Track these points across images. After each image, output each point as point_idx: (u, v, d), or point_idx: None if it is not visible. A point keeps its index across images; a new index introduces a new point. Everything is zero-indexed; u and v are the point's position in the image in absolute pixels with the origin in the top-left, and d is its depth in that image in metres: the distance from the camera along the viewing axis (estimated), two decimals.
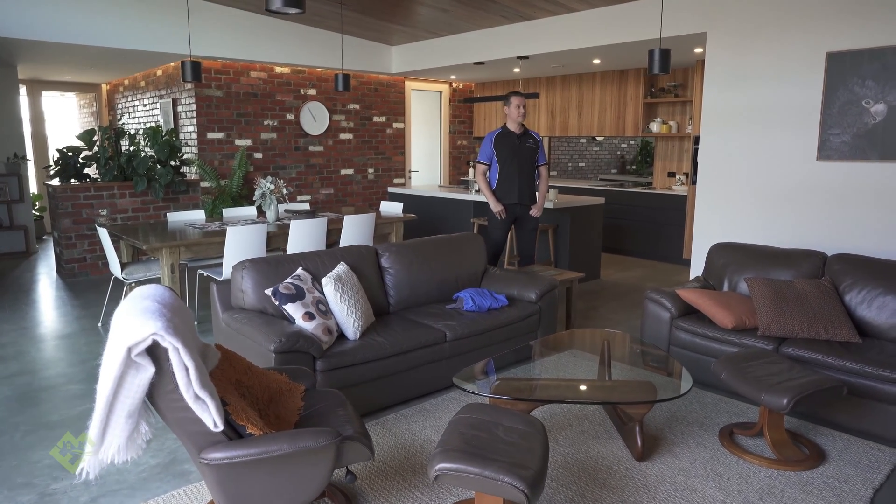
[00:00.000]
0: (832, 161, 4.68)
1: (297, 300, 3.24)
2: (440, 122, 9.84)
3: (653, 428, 3.23)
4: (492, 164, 5.13)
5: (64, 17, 5.96)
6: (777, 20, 4.84)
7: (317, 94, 8.22)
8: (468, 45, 7.41)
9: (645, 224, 8.04)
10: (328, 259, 3.73)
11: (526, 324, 4.06)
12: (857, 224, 4.55)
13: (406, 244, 4.18)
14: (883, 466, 2.88)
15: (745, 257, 4.14)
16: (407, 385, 3.48)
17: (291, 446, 1.98)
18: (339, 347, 3.21)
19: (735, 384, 2.97)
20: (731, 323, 3.58)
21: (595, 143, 12.05)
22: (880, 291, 3.54)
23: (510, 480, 2.02)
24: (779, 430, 2.95)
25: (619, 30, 5.90)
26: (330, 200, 8.58)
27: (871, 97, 4.48)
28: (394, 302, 3.98)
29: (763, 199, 5.03)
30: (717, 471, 2.82)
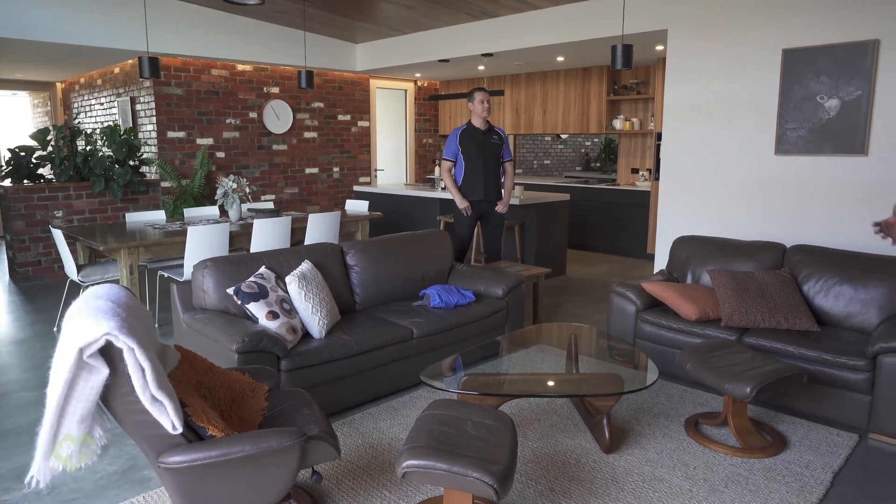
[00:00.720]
0: (789, 155, 4.78)
1: (261, 299, 3.17)
2: (405, 120, 9.80)
3: (620, 420, 3.25)
4: (457, 160, 5.12)
5: (15, 11, 5.75)
6: (735, 17, 4.93)
7: (280, 92, 8.10)
8: (433, 43, 7.38)
9: (610, 220, 8.13)
10: (292, 257, 3.67)
11: (493, 319, 4.05)
12: (813, 216, 4.67)
13: (372, 241, 4.14)
14: (842, 451, 2.95)
15: (708, 250, 4.21)
16: (374, 383, 3.44)
17: (254, 447, 1.93)
18: (305, 346, 3.16)
19: (700, 375, 3.00)
20: (694, 315, 3.63)
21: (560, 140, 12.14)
22: (836, 281, 3.62)
23: (479, 476, 2.00)
24: (742, 418, 3.00)
25: (582, 27, 5.95)
26: (295, 200, 8.46)
27: (825, 93, 4.59)
28: (360, 300, 3.93)
29: (724, 193, 5.11)
30: (684, 460, 2.85)
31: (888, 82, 4.30)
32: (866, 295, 3.51)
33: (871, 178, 4.40)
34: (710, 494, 2.58)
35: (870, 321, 3.47)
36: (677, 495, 2.57)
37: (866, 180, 4.43)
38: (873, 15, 4.30)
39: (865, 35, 4.36)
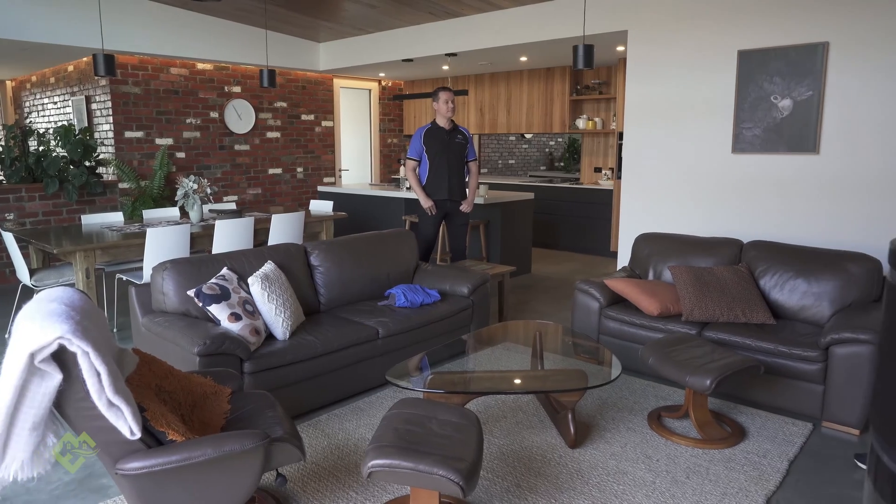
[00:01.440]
0: (746, 153, 4.91)
1: (223, 301, 3.11)
2: (370, 120, 9.75)
3: (585, 415, 3.29)
4: (422, 159, 5.12)
5: None
6: (692, 19, 5.04)
7: (242, 91, 7.98)
8: (396, 42, 7.36)
9: (573, 219, 8.23)
10: (255, 258, 3.62)
11: (459, 318, 4.06)
12: (769, 212, 4.80)
13: (336, 241, 4.10)
14: (797, 439, 3.04)
15: (669, 246, 4.29)
16: (340, 384, 3.42)
17: (216, 451, 1.90)
18: (268, 348, 3.11)
19: (661, 369, 3.06)
20: (656, 310, 3.70)
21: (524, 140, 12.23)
22: (791, 275, 3.73)
23: (445, 473, 2.00)
24: (703, 410, 3.07)
25: (544, 27, 6.01)
26: (258, 200, 8.35)
27: (778, 93, 4.73)
28: (324, 300, 3.90)
29: (684, 191, 5.22)
30: (647, 453, 2.90)
31: (837, 83, 4.44)
32: (819, 288, 3.62)
33: (823, 176, 4.55)
34: (672, 486, 2.63)
35: (822, 314, 3.58)
36: (641, 487, 2.62)
37: (818, 177, 4.57)
38: (822, 18, 4.44)
39: (815, 37, 4.50)
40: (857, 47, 4.33)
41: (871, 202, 4.36)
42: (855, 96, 4.38)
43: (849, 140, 4.42)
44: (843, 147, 4.45)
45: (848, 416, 3.11)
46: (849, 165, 4.43)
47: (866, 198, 4.38)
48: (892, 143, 4.26)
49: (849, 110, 4.41)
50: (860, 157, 4.38)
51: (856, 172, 4.41)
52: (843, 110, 4.44)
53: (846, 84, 4.41)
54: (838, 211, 4.49)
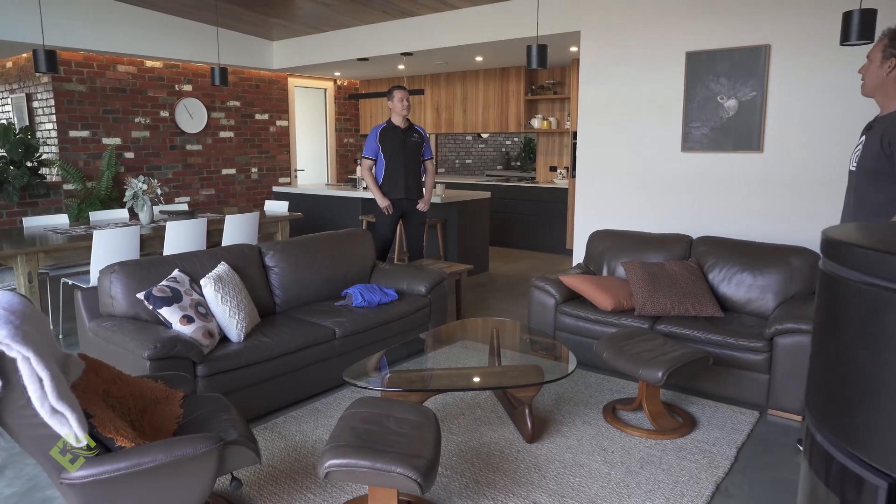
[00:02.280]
0: (694, 152, 5.05)
1: (174, 303, 3.04)
2: (326, 119, 9.66)
3: (542, 410, 3.34)
4: (377, 158, 5.10)
5: None
6: (642, 21, 5.15)
7: (193, 90, 7.80)
8: (351, 41, 7.32)
9: (530, 217, 8.32)
10: (207, 259, 3.54)
11: (417, 317, 4.06)
12: (717, 209, 4.95)
13: (291, 242, 4.06)
14: (744, 427, 3.14)
15: (622, 243, 4.38)
16: (297, 385, 3.38)
17: (167, 456, 1.85)
18: (222, 350, 3.06)
19: (615, 362, 3.12)
20: (610, 305, 3.77)
21: (481, 140, 12.31)
22: (738, 269, 3.86)
23: (402, 471, 2.00)
24: (656, 402, 3.14)
25: (498, 27, 6.06)
26: (211, 201, 8.18)
27: (724, 93, 4.88)
28: (280, 301, 3.85)
29: (636, 189, 5.34)
30: (602, 445, 2.96)
31: (778, 84, 4.61)
32: (764, 282, 3.76)
33: (767, 173, 4.71)
34: (626, 476, 2.69)
35: (767, 306, 3.72)
36: (596, 479, 2.67)
37: (762, 175, 4.73)
38: (765, 22, 4.60)
39: (758, 40, 4.66)
40: (796, 50, 4.50)
41: (810, 198, 4.54)
42: (795, 97, 4.55)
43: (790, 139, 4.59)
44: (785, 145, 4.62)
45: (791, 404, 3.24)
46: (790, 163, 4.61)
47: (806, 194, 4.56)
48: (828, 142, 4.44)
49: (789, 110, 4.58)
50: (800, 155, 4.56)
51: (796, 170, 4.58)
52: (784, 110, 4.61)
53: (787, 85, 4.58)
54: (781, 207, 4.66)
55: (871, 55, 2.45)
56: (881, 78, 2.42)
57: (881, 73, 2.41)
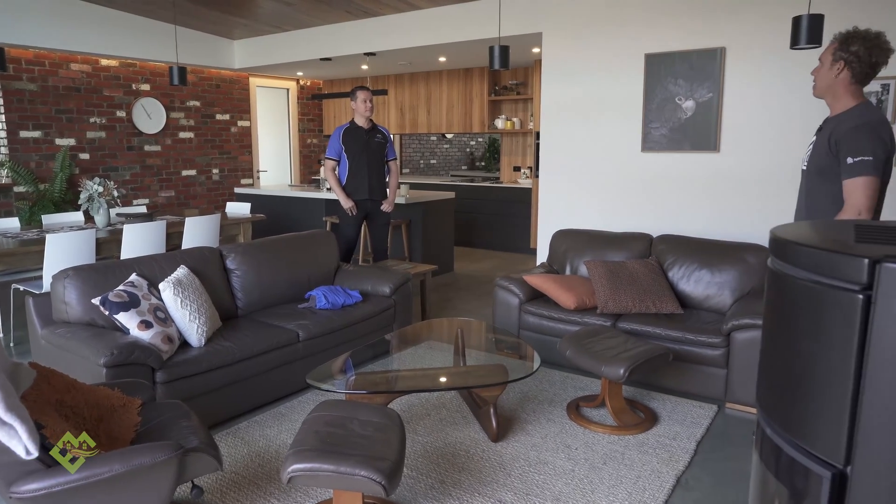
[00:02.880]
0: (654, 152, 5.14)
1: (131, 308, 2.97)
2: (288, 119, 9.55)
3: (507, 409, 3.36)
4: (341, 159, 5.06)
5: None
6: (603, 23, 5.23)
7: (151, 89, 7.63)
8: (314, 41, 7.25)
9: (494, 217, 8.37)
10: (166, 263, 3.47)
11: (381, 318, 4.04)
12: (676, 208, 5.05)
13: (253, 244, 4.00)
14: (704, 421, 3.22)
15: (584, 242, 4.44)
16: (260, 390, 3.33)
17: (124, 465, 1.81)
18: (182, 356, 3.00)
19: (578, 360, 3.16)
20: (573, 304, 3.82)
21: (445, 140, 12.33)
22: (696, 267, 3.95)
23: (367, 473, 1.99)
24: (618, 398, 3.20)
25: (461, 28, 6.07)
26: (171, 203, 8.01)
27: (682, 94, 4.98)
28: (242, 305, 3.79)
29: (598, 188, 5.42)
30: (566, 442, 3.00)
31: (733, 86, 4.73)
32: (721, 278, 3.85)
33: (723, 173, 4.83)
34: (590, 472, 2.73)
35: (725, 302, 3.81)
36: (561, 476, 2.70)
37: (719, 174, 4.85)
38: (720, 25, 4.71)
39: (714, 43, 4.78)
40: (750, 53, 4.63)
41: (764, 197, 4.67)
42: (749, 98, 4.67)
43: (745, 139, 4.72)
44: (740, 145, 4.74)
45: (748, 397, 3.33)
46: (745, 163, 4.73)
47: (761, 193, 4.68)
48: (782, 142, 4.57)
49: (744, 111, 4.71)
50: (755, 154, 4.69)
51: (751, 169, 4.71)
52: (738, 111, 4.73)
53: (741, 87, 4.70)
54: (737, 205, 4.79)
55: (822, 58, 2.53)
56: (830, 80, 2.50)
57: (830, 75, 2.49)
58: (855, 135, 2.40)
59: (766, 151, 4.65)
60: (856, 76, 2.46)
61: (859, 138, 2.39)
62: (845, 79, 2.47)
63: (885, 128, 2.40)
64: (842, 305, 1.03)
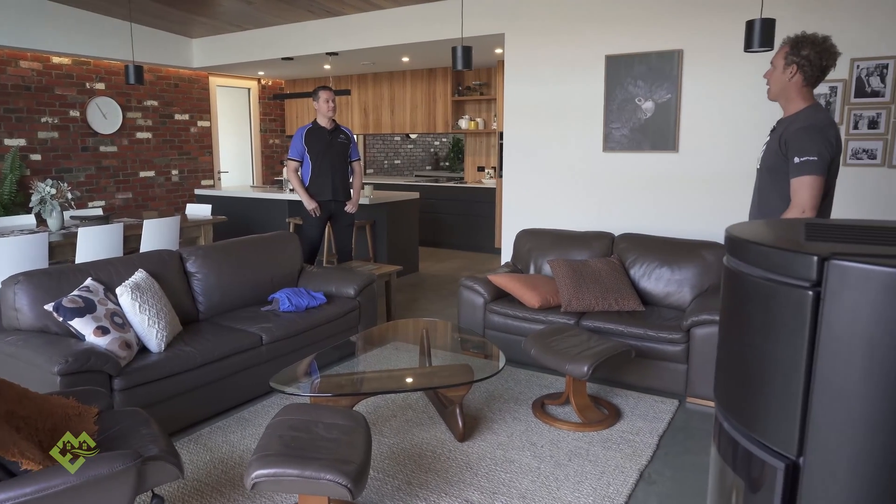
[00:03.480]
0: (615, 152, 5.23)
1: (87, 314, 2.89)
2: (250, 120, 9.41)
3: (473, 409, 3.37)
4: (303, 160, 5.01)
5: None
6: (564, 25, 5.29)
7: (106, 88, 7.42)
8: (275, 40, 7.16)
9: (459, 217, 8.39)
10: (123, 267, 3.38)
11: (346, 320, 4.02)
12: (637, 207, 5.14)
13: (214, 246, 3.93)
14: (665, 416, 3.29)
15: (547, 241, 4.48)
16: (222, 395, 3.28)
17: (80, 476, 1.76)
18: (142, 362, 2.93)
19: (543, 359, 3.19)
20: (537, 303, 3.85)
21: (409, 140, 12.31)
22: (657, 264, 4.02)
23: (332, 477, 1.98)
24: (582, 395, 3.24)
25: (424, 28, 6.07)
26: (129, 206, 7.81)
27: (641, 95, 5.07)
28: (203, 308, 3.72)
29: (561, 188, 5.48)
30: (532, 440, 3.02)
31: (690, 87, 4.84)
32: (681, 276, 3.93)
33: (682, 172, 4.93)
34: (555, 469, 2.76)
35: (684, 299, 3.90)
36: (527, 473, 2.72)
37: (678, 174, 4.95)
38: (678, 27, 4.81)
39: (671, 45, 4.88)
40: (705, 55, 4.74)
41: (721, 195, 4.79)
42: (705, 99, 4.79)
43: (702, 139, 4.83)
44: (698, 145, 4.85)
45: (707, 391, 3.41)
46: (702, 162, 4.84)
47: (717, 191, 4.80)
48: (737, 142, 4.69)
49: (701, 112, 4.82)
50: (711, 154, 4.80)
51: (708, 169, 4.82)
52: (696, 112, 4.84)
53: (698, 88, 4.81)
54: (695, 204, 4.89)
55: (775, 61, 2.61)
56: (783, 83, 2.58)
57: (784, 78, 2.57)
58: (802, 136, 2.48)
59: (721, 151, 4.77)
60: (807, 79, 2.54)
61: (806, 139, 2.47)
62: (798, 81, 2.55)
63: (831, 129, 2.49)
64: (793, 302, 1.06)
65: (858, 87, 4.14)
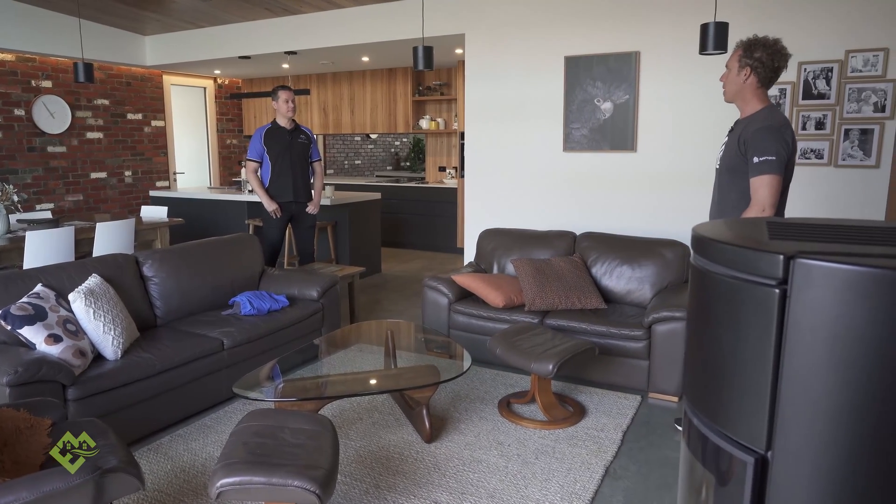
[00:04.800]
0: (575, 152, 5.29)
1: (37, 321, 2.78)
2: (206, 119, 9.20)
3: (439, 409, 3.37)
4: (263, 161, 4.92)
5: None
6: (524, 25, 5.33)
7: (54, 86, 7.15)
8: (232, 38, 7.01)
9: (420, 217, 8.37)
10: (76, 272, 3.26)
11: (309, 322, 3.96)
12: (597, 206, 5.22)
13: (172, 249, 3.83)
14: (629, 411, 3.34)
15: (510, 240, 4.51)
16: (183, 402, 3.19)
17: (32, 493, 1.69)
18: (97, 370, 2.83)
19: (508, 358, 3.21)
20: (501, 302, 3.87)
21: (370, 140, 12.23)
22: (618, 263, 4.09)
23: (300, 483, 1.94)
24: (547, 394, 3.26)
25: (385, 28, 6.03)
26: (80, 208, 7.54)
27: (600, 96, 5.15)
28: (161, 313, 3.62)
29: (522, 188, 5.52)
30: (499, 440, 3.03)
31: (647, 88, 4.93)
32: (641, 273, 4.01)
33: (640, 172, 5.03)
34: (522, 467, 2.77)
35: (645, 296, 3.97)
36: (494, 473, 2.73)
37: (637, 173, 5.04)
38: (634, 29, 4.90)
39: (629, 47, 4.96)
40: (661, 57, 4.84)
41: (679, 194, 4.90)
42: (662, 100, 4.89)
43: (659, 139, 4.93)
44: (655, 145, 4.95)
45: (668, 386, 3.48)
46: (660, 162, 4.94)
47: (675, 190, 4.91)
48: (693, 142, 4.81)
49: (658, 113, 4.92)
50: (668, 154, 4.91)
51: (666, 168, 4.93)
52: (653, 113, 4.94)
53: (655, 89, 4.90)
54: (654, 203, 4.99)
55: (730, 64, 2.68)
56: (739, 85, 2.65)
57: (739, 80, 2.64)
58: (761, 136, 2.55)
59: (678, 151, 4.88)
60: (761, 80, 2.61)
61: (765, 139, 2.54)
62: (752, 83, 2.62)
63: (787, 130, 2.57)
64: (759, 299, 1.08)
65: (806, 90, 4.29)
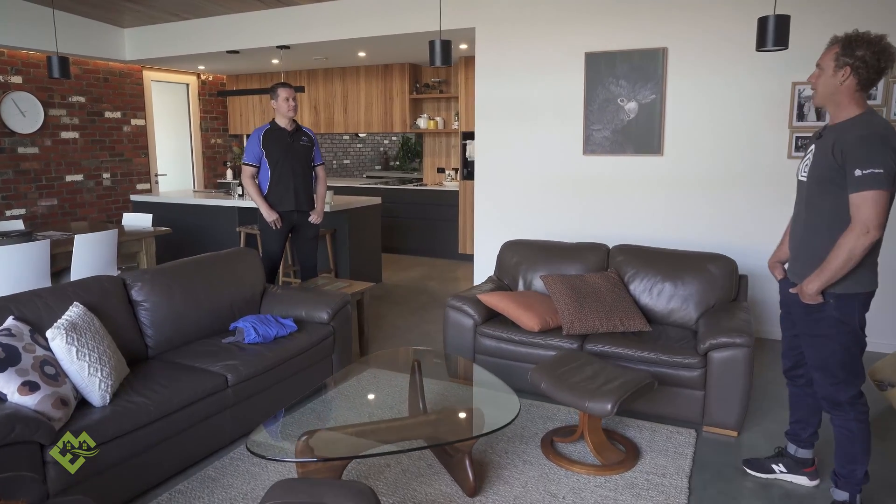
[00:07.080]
0: (596, 155, 4.93)
1: (9, 367, 2.33)
2: (189, 118, 8.68)
3: (476, 451, 2.97)
4: (261, 165, 4.47)
5: None
6: (540, 19, 4.95)
7: (24, 82, 6.60)
8: (218, 31, 6.53)
9: (419, 221, 7.95)
10: (55, 300, 2.81)
11: (320, 348, 3.54)
12: (621, 213, 4.86)
13: (163, 269, 3.38)
14: (687, 450, 2.98)
15: (536, 253, 4.12)
16: (183, 450, 2.76)
17: None
18: (82, 421, 2.38)
19: (556, 394, 2.83)
20: (537, 325, 3.49)
21: (358, 139, 11.77)
22: (658, 279, 3.73)
23: None
24: (598, 433, 2.89)
25: (388, 21, 5.61)
26: (54, 214, 7.00)
27: (624, 95, 4.79)
28: (153, 343, 3.18)
29: (537, 193, 5.15)
30: (551, 490, 2.65)
31: (675, 87, 4.59)
32: (685, 291, 3.65)
33: (668, 176, 4.69)
34: None
35: (690, 316, 3.62)
36: None
37: (664, 178, 4.70)
38: (662, 24, 4.55)
39: (656, 43, 4.62)
40: (691, 53, 4.50)
41: (710, 200, 4.57)
42: (691, 100, 4.55)
43: (688, 141, 4.59)
44: (684, 148, 4.61)
45: (727, 419, 3.13)
46: (689, 166, 4.61)
47: (706, 196, 4.58)
48: (723, 145, 4.48)
49: (687, 113, 4.58)
50: (698, 157, 4.57)
51: (696, 172, 4.59)
52: (682, 113, 4.60)
53: (683, 87, 4.56)
54: (683, 209, 4.66)
55: (823, 63, 2.33)
56: (834, 87, 2.29)
57: (834, 82, 2.28)
58: (863, 145, 2.20)
59: (709, 154, 4.55)
60: (862, 82, 2.26)
61: (868, 149, 2.19)
62: (851, 86, 2.27)
63: (894, 138, 2.22)
64: None
65: None
